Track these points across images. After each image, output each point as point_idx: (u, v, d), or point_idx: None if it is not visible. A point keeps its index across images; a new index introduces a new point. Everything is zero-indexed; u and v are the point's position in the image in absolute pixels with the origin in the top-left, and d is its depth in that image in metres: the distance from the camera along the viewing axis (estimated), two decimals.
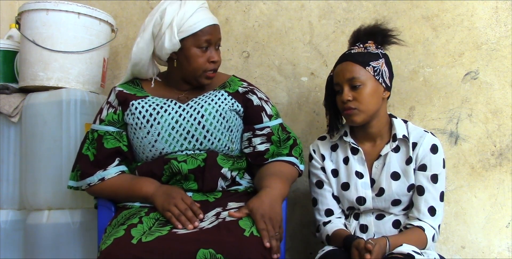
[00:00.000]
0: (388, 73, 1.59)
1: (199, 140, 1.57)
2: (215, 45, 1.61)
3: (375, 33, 1.62)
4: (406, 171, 1.58)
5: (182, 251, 1.25)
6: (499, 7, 1.93)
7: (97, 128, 1.63)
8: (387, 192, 1.57)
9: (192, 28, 1.55)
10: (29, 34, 1.92)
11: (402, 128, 1.60)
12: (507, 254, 1.87)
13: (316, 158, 1.69)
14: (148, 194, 1.49)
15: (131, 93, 1.65)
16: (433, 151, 1.58)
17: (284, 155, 1.64)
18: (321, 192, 1.67)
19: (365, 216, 1.61)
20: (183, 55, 1.59)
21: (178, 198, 1.43)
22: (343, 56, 1.61)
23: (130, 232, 1.33)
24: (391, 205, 1.58)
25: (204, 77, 1.61)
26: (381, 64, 1.57)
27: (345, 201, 1.63)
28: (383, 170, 1.59)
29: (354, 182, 1.61)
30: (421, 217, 1.55)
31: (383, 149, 1.60)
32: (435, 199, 1.56)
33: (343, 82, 1.56)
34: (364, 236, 1.59)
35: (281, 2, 2.15)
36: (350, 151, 1.64)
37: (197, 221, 1.37)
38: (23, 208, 1.98)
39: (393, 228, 1.58)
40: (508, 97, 1.91)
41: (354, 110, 1.54)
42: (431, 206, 1.55)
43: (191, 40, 1.56)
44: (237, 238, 1.29)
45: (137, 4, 2.34)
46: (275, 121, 1.68)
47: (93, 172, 1.58)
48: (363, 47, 1.59)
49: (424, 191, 1.56)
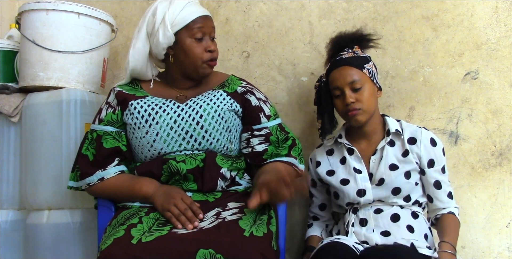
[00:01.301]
0: (377, 74, 1.70)
1: (197, 140, 1.57)
2: (210, 35, 1.62)
3: (360, 39, 1.73)
4: (404, 161, 1.65)
5: (182, 251, 1.25)
6: (499, 7, 1.94)
7: (96, 128, 1.63)
8: (387, 181, 1.62)
9: (184, 20, 1.58)
10: (29, 34, 1.92)
11: (395, 124, 1.70)
12: (507, 254, 1.87)
13: (311, 167, 1.80)
14: (148, 194, 1.49)
15: (130, 93, 1.65)
16: (433, 144, 1.67)
17: (283, 156, 1.64)
18: (313, 191, 1.81)
19: (364, 210, 1.64)
20: (180, 48, 1.60)
21: (178, 198, 1.43)
22: (338, 62, 1.67)
23: (130, 232, 1.33)
24: (392, 194, 1.62)
25: (206, 67, 1.62)
26: (372, 66, 1.68)
27: (345, 196, 1.66)
28: (380, 163, 1.65)
29: (354, 177, 1.67)
30: (446, 205, 1.67)
31: (379, 144, 1.67)
32: (448, 185, 1.68)
33: (344, 86, 1.63)
34: (363, 229, 1.61)
35: (281, 2, 2.15)
36: (346, 152, 1.71)
37: (197, 220, 1.37)
38: (23, 208, 1.98)
39: (391, 221, 1.60)
40: (508, 97, 1.91)
41: (359, 111, 1.62)
42: (448, 192, 1.67)
43: (184, 32, 1.58)
44: (237, 238, 1.29)
45: (137, 4, 2.34)
46: (274, 122, 1.68)
47: (93, 172, 1.58)
48: (352, 52, 1.68)
49: (440, 184, 1.67)
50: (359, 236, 1.59)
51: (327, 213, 1.82)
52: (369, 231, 1.60)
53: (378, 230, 1.59)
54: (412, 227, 1.60)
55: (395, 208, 1.62)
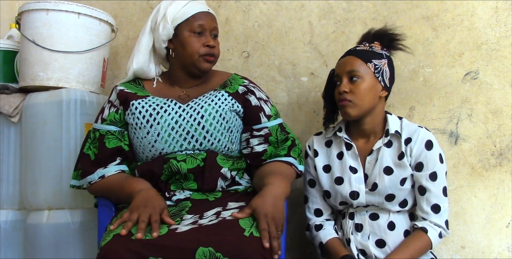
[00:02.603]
0: (389, 75, 1.63)
1: (198, 140, 1.57)
2: (210, 32, 1.64)
3: (382, 36, 1.67)
4: (399, 165, 1.59)
5: (181, 248, 1.25)
6: (499, 7, 1.93)
7: (98, 127, 1.63)
8: (380, 186, 1.58)
9: (185, 14, 1.61)
10: (29, 34, 1.92)
11: (395, 124, 1.63)
12: (507, 254, 1.87)
13: (309, 154, 1.73)
14: (135, 190, 1.45)
15: (132, 92, 1.65)
16: (428, 147, 1.59)
17: (282, 156, 1.64)
18: (312, 191, 1.73)
19: (360, 215, 1.62)
20: (179, 42, 1.62)
21: (148, 210, 1.35)
22: (348, 51, 1.65)
23: (130, 229, 1.32)
24: (385, 201, 1.59)
25: (203, 61, 1.62)
26: (383, 63, 1.61)
27: (337, 196, 1.64)
28: (376, 164, 1.61)
29: (348, 177, 1.63)
30: (426, 216, 1.58)
31: (376, 144, 1.63)
32: (438, 197, 1.57)
33: (343, 74, 1.60)
34: (359, 235, 1.60)
35: (281, 2, 2.15)
36: (344, 147, 1.67)
37: (143, 234, 1.28)
38: (23, 208, 1.98)
39: (388, 230, 1.59)
40: (508, 97, 1.91)
41: (349, 103, 1.57)
42: (434, 204, 1.57)
43: (184, 26, 1.61)
44: (237, 237, 1.29)
45: (137, 4, 2.34)
46: (274, 122, 1.68)
47: (94, 170, 1.58)
48: (369, 46, 1.64)
49: (425, 190, 1.58)
50: (356, 243, 1.60)
51: (325, 217, 1.75)
52: (365, 238, 1.59)
53: (373, 238, 1.59)
54: (409, 231, 1.60)
55: (391, 214, 1.60)
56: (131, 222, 1.32)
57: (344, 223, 1.66)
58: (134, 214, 1.34)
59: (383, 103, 1.65)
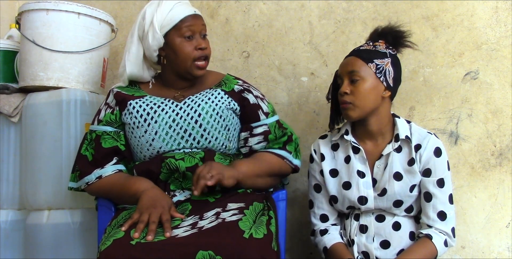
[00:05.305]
0: (393, 74, 1.59)
1: (196, 138, 1.57)
2: (200, 34, 1.62)
3: (386, 34, 1.63)
4: (409, 172, 1.57)
5: (181, 252, 1.25)
6: (499, 7, 1.93)
7: (95, 129, 1.64)
8: (389, 192, 1.56)
9: (172, 20, 1.58)
10: (29, 34, 1.92)
11: (405, 129, 1.60)
12: (507, 254, 1.87)
13: (315, 159, 1.69)
14: (139, 190, 1.46)
15: (129, 93, 1.66)
16: (437, 154, 1.58)
17: (276, 149, 1.65)
18: (318, 196, 1.69)
19: (365, 217, 1.61)
20: (170, 49, 1.60)
21: (158, 210, 1.37)
22: (351, 52, 1.63)
23: (129, 233, 1.32)
24: (393, 206, 1.57)
25: (195, 68, 1.61)
26: (386, 63, 1.57)
27: (345, 201, 1.62)
28: (385, 170, 1.58)
29: (356, 181, 1.60)
30: (431, 223, 1.56)
31: (385, 148, 1.59)
32: (444, 203, 1.56)
33: (344, 75, 1.58)
34: (363, 236, 1.58)
35: (281, 2, 2.15)
36: (351, 150, 1.63)
37: (153, 236, 1.30)
38: (23, 208, 1.98)
39: (393, 230, 1.58)
40: (508, 97, 1.91)
41: (349, 105, 1.55)
42: (440, 211, 1.55)
43: (174, 33, 1.59)
44: (237, 240, 1.29)
45: (137, 4, 2.34)
46: (272, 118, 1.69)
47: (91, 171, 1.58)
48: (372, 45, 1.61)
49: (431, 197, 1.56)
50: (359, 245, 1.58)
51: (331, 221, 1.71)
52: (369, 240, 1.58)
53: (378, 239, 1.57)
54: (414, 233, 1.59)
55: (396, 217, 1.59)
56: (142, 224, 1.33)
57: (348, 224, 1.64)
58: (144, 215, 1.35)
59: (388, 103, 1.62)
